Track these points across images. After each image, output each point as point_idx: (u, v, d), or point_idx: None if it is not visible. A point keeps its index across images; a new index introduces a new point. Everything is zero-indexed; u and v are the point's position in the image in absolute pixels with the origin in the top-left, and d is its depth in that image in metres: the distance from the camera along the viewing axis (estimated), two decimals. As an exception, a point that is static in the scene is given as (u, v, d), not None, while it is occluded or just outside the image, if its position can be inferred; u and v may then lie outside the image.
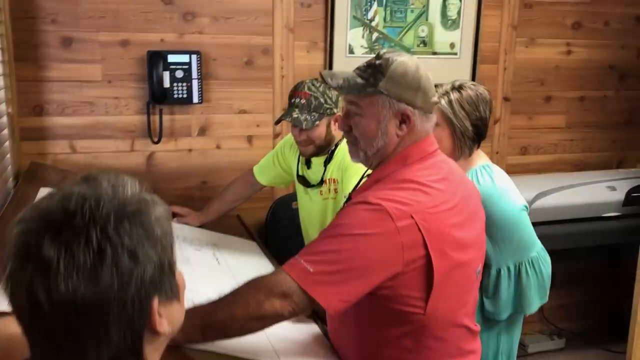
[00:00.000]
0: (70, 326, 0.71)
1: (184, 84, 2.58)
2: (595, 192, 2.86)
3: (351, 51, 2.82)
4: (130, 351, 0.75)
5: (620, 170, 3.19)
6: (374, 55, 1.40)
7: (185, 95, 2.59)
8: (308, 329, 1.58)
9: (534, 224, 2.60)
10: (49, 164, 2.49)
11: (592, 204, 2.83)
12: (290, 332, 1.50)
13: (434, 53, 2.95)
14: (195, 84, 2.60)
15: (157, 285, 0.76)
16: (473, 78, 3.02)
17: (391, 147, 1.38)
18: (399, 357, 1.37)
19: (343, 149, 1.91)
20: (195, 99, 2.62)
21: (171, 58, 2.54)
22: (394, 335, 1.35)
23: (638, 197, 2.83)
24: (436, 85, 1.84)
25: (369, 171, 1.49)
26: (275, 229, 2.74)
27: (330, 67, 2.78)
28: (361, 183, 1.46)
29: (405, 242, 1.26)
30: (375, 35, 2.85)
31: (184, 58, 2.57)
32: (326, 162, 2.03)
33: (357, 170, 1.74)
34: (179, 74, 2.56)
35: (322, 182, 2.04)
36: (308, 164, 2.10)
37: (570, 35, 3.18)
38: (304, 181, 2.11)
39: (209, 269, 1.86)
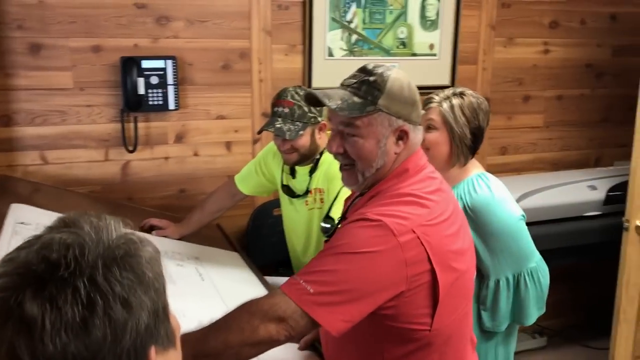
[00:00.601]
0: None
1: (160, 90, 2.50)
2: (577, 191, 2.87)
3: (330, 54, 2.77)
4: None
5: (600, 168, 3.21)
6: (361, 70, 1.34)
7: (160, 102, 2.51)
8: (307, 352, 1.53)
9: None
10: (19, 176, 2.39)
11: (574, 203, 2.83)
12: (284, 353, 1.45)
13: (414, 54, 2.92)
14: (171, 90, 2.52)
15: (152, 334, 0.70)
16: (453, 79, 3.00)
17: (389, 165, 1.34)
18: None
19: (328, 157, 1.86)
20: (171, 106, 2.53)
21: (145, 64, 2.45)
22: (400, 354, 1.31)
23: (618, 195, 2.84)
24: (431, 93, 1.83)
25: None
26: (257, 237, 2.68)
27: (310, 71, 2.72)
28: (355, 202, 1.41)
29: (409, 257, 1.22)
30: (354, 37, 2.80)
31: (159, 63, 2.48)
32: (311, 172, 1.97)
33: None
34: (154, 80, 2.48)
35: (307, 192, 1.99)
36: (293, 173, 2.04)
37: (548, 34, 3.18)
38: (289, 191, 2.05)
39: (193, 286, 1.79)
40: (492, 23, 3.05)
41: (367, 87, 1.30)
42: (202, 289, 1.79)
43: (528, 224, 2.76)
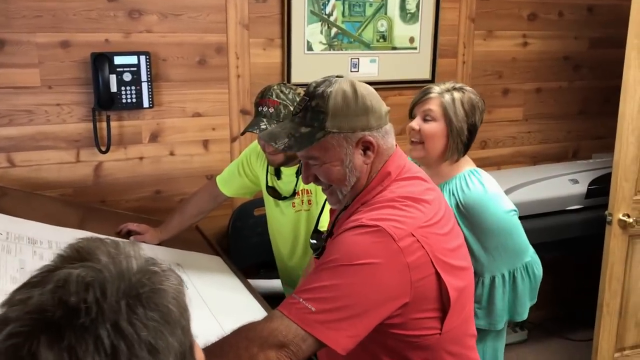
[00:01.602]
0: None
1: (133, 88, 2.38)
2: (559, 185, 2.86)
3: (310, 48, 2.69)
4: None
5: (580, 161, 3.21)
6: (305, 93, 1.28)
7: (134, 100, 2.39)
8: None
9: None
10: (-16, 180, 2.25)
11: (556, 197, 2.82)
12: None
13: (394, 48, 2.85)
14: (145, 87, 2.40)
15: None
16: (433, 73, 2.95)
17: (364, 178, 1.29)
18: None
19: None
20: (146, 103, 2.42)
21: (118, 60, 2.33)
22: None
23: (599, 188, 2.84)
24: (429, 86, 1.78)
25: None
26: (238, 238, 2.59)
27: (289, 66, 2.64)
28: (339, 216, 1.34)
29: (411, 262, 1.16)
30: (334, 30, 2.72)
31: (132, 59, 2.36)
32: (298, 173, 1.89)
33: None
34: (127, 76, 2.36)
35: (294, 193, 1.91)
36: (278, 174, 1.96)
37: (526, 26, 3.15)
38: (275, 193, 1.97)
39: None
40: (471, 15, 3.00)
41: (311, 113, 1.25)
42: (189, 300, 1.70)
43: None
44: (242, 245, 2.58)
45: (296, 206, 1.91)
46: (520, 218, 2.73)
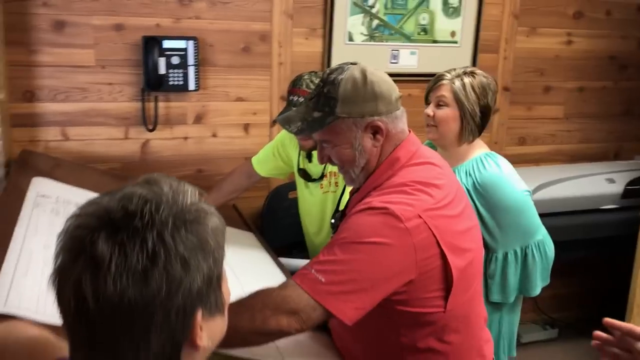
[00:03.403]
0: (113, 327, 0.69)
1: (180, 71, 2.52)
2: (594, 184, 2.85)
3: (351, 38, 2.77)
4: None
5: (619, 162, 3.18)
6: (320, 79, 1.37)
7: (181, 82, 2.53)
8: (316, 333, 1.55)
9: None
10: (40, 151, 2.43)
11: (591, 196, 2.82)
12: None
13: (435, 41, 2.90)
14: (191, 70, 2.54)
15: (202, 298, 0.74)
16: (473, 67, 2.97)
17: (375, 160, 1.36)
18: (425, 359, 1.35)
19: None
20: (192, 86, 2.55)
21: (167, 44, 2.47)
22: (418, 337, 1.33)
23: (636, 189, 2.82)
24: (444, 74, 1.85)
25: None
26: (272, 219, 2.70)
27: (330, 55, 2.73)
28: (352, 198, 1.42)
29: (417, 242, 1.23)
30: (375, 22, 2.79)
31: (180, 44, 2.50)
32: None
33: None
34: (175, 60, 2.50)
35: (322, 176, 2.00)
36: (309, 157, 2.06)
37: (571, 25, 3.14)
38: (305, 174, 2.07)
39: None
40: (515, 12, 3.01)
41: (323, 98, 1.33)
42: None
43: (545, 214, 2.77)
44: (275, 225, 2.69)
45: (324, 187, 2.01)
46: (553, 214, 2.77)
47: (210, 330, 0.77)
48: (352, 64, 1.37)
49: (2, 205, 1.79)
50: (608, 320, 1.08)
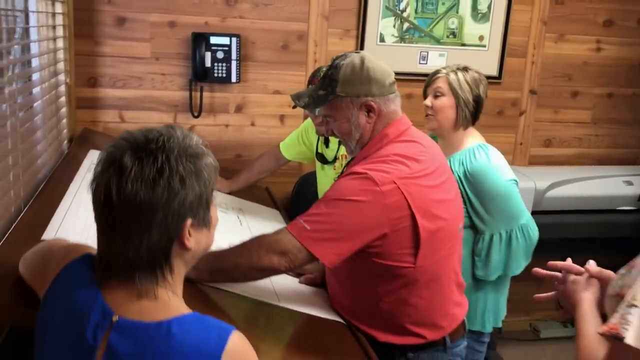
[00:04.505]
0: (127, 216, 0.95)
1: (224, 64, 2.81)
2: (612, 185, 2.95)
3: (382, 40, 2.99)
4: (162, 250, 0.98)
5: (639, 166, 3.25)
6: (329, 65, 1.62)
7: (224, 75, 2.82)
8: (314, 288, 1.78)
9: (548, 212, 2.73)
10: (99, 131, 2.77)
11: (607, 196, 2.92)
12: (292, 280, 1.72)
13: (463, 45, 3.09)
14: (234, 64, 2.82)
15: (193, 210, 0.99)
16: (500, 70, 3.14)
17: (368, 134, 1.59)
18: (396, 308, 1.56)
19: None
20: (234, 79, 2.84)
21: (213, 40, 2.77)
22: (389, 288, 1.54)
23: (654, 193, 2.90)
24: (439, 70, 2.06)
25: None
26: (300, 203, 2.94)
27: (361, 54, 2.95)
28: (345, 168, 1.67)
29: (390, 203, 1.45)
30: (405, 25, 3.00)
31: (225, 40, 2.79)
32: (340, 142, 2.22)
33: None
34: (220, 54, 2.79)
35: (335, 158, 2.24)
36: (327, 142, 2.30)
37: (601, 32, 3.25)
38: (322, 158, 2.31)
39: (231, 228, 2.08)
40: (544, 18, 3.16)
41: (327, 80, 1.58)
42: (239, 231, 2.07)
43: (559, 212, 2.90)
44: (303, 209, 2.90)
45: (336, 169, 2.24)
46: (568, 212, 2.89)
47: (197, 238, 1.02)
48: (356, 52, 1.61)
49: (62, 169, 2.12)
50: (551, 262, 1.36)
